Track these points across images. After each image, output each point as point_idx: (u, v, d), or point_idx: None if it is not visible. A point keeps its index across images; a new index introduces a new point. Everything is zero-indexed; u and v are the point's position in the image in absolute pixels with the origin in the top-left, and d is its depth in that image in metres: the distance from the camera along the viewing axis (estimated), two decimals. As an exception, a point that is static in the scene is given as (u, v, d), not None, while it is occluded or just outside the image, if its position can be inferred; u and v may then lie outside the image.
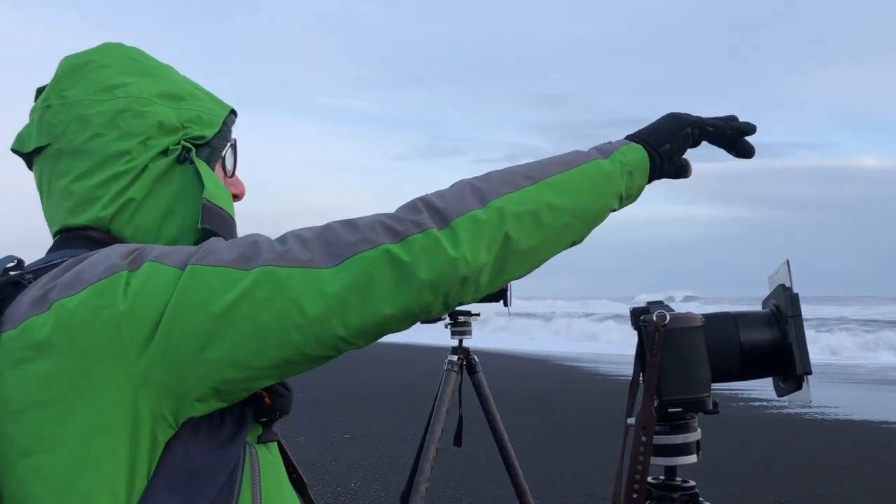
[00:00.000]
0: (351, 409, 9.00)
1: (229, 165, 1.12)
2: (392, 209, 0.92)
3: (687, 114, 1.07)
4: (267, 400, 0.95)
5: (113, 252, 0.90)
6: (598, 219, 0.99)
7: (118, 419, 0.83)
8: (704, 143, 1.10)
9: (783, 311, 1.16)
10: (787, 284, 1.16)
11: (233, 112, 1.12)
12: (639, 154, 1.02)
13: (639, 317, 1.21)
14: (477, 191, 0.91)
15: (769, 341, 1.17)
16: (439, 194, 0.92)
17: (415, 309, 0.87)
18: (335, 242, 0.86)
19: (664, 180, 1.09)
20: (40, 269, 0.95)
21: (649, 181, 1.04)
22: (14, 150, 1.06)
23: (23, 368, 0.85)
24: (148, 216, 1.02)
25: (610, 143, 1.04)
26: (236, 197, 1.13)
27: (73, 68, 1.04)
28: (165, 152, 1.03)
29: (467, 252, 0.87)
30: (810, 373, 1.13)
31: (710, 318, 1.19)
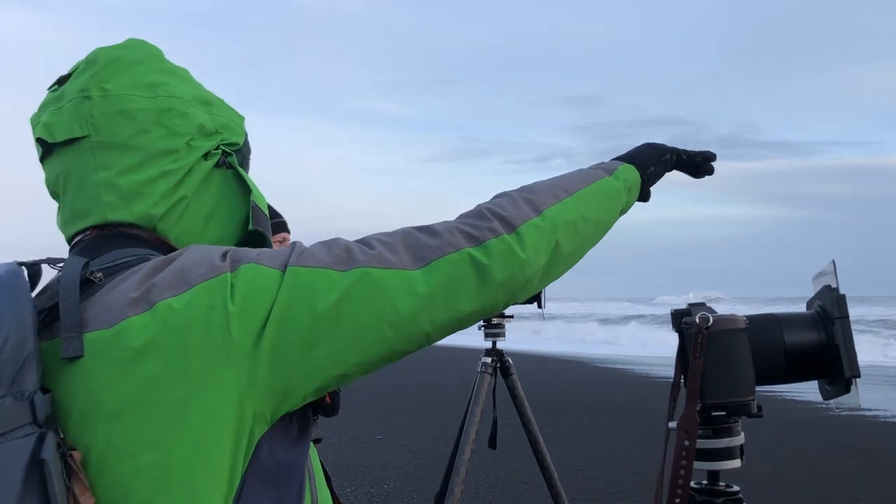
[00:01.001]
0: (382, 410, 9.02)
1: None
2: (425, 210, 0.96)
3: (663, 143, 1.21)
4: (328, 399, 0.98)
5: (208, 252, 0.90)
6: (609, 228, 1.10)
7: (226, 419, 0.84)
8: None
9: (829, 313, 1.14)
10: (834, 285, 1.13)
11: None
12: (634, 174, 1.13)
13: (681, 319, 1.19)
14: (529, 201, 0.99)
15: (815, 343, 1.14)
16: (497, 203, 0.99)
17: (489, 307, 0.94)
18: (419, 246, 0.92)
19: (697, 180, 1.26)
20: (108, 268, 0.93)
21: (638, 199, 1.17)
22: (39, 139, 1.02)
23: (121, 370, 0.84)
24: (193, 219, 1.03)
25: (604, 163, 1.14)
26: None
27: (111, 61, 1.03)
28: (205, 156, 1.04)
29: (531, 256, 0.96)
30: (859, 376, 1.10)
31: (754, 320, 1.16)
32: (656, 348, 19.60)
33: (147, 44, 1.09)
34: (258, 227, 1.04)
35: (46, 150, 1.02)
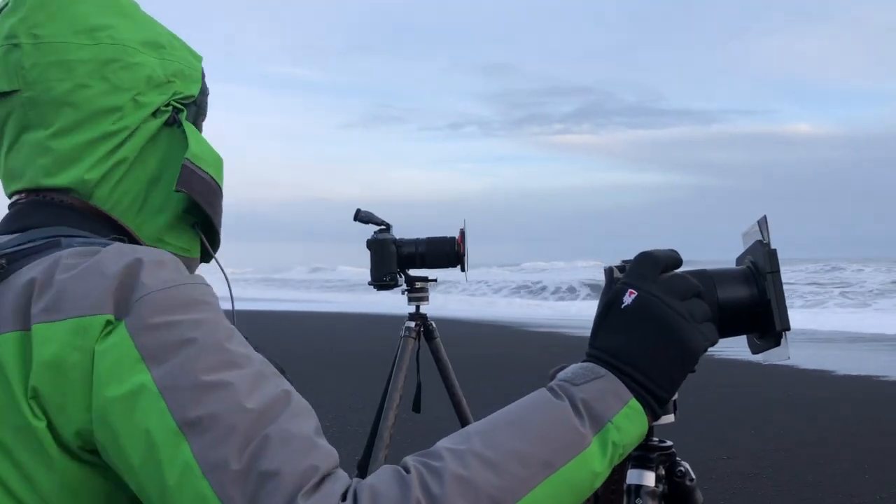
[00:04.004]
0: (300, 378, 8.93)
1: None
2: (338, 175, 0.88)
3: (700, 347, 0.92)
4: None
5: (106, 271, 0.78)
6: None
7: None
8: None
9: (761, 268, 1.15)
10: (765, 240, 1.14)
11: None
12: (641, 428, 0.83)
13: (614, 275, 1.17)
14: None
15: (747, 299, 1.15)
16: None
17: None
18: None
19: None
20: (14, 252, 0.83)
21: None
22: None
23: None
24: (135, 183, 0.94)
25: (600, 376, 0.83)
26: None
27: (44, 1, 0.91)
28: (155, 113, 0.95)
29: None
30: (789, 329, 1.11)
31: (687, 276, 1.16)
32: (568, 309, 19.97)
33: None
34: (181, 189, 0.93)
35: None
